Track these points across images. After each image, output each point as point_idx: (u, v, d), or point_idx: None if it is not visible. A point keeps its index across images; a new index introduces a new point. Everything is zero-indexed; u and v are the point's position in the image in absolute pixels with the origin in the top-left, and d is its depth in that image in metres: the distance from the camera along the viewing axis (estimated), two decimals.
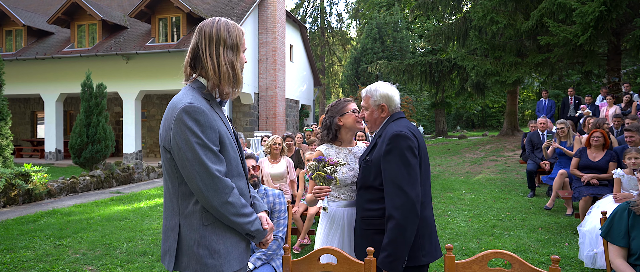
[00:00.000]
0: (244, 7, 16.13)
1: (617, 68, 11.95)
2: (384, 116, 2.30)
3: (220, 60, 1.70)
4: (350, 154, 2.52)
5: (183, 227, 1.67)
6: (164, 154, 1.70)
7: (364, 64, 21.48)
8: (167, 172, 1.71)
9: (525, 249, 4.83)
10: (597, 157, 5.56)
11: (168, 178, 1.72)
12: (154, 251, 4.86)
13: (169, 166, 1.68)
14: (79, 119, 11.16)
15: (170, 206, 1.72)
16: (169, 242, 1.70)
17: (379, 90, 2.30)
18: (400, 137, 2.07)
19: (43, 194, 8.31)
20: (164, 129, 1.68)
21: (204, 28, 1.73)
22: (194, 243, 1.66)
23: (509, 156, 12.13)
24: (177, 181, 1.68)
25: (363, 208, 2.24)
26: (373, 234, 2.18)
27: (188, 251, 1.66)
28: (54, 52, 15.84)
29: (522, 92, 29.65)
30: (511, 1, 12.04)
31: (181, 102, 1.64)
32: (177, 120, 1.60)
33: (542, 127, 7.91)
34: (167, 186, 1.74)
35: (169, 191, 1.72)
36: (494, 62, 12.44)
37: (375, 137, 2.26)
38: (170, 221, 1.71)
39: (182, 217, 1.67)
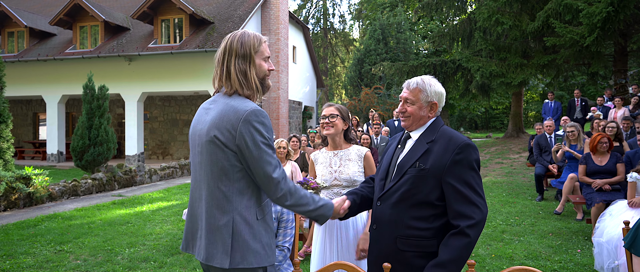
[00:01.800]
0: (247, 8, 16.05)
1: (623, 69, 11.81)
2: (431, 116, 2.00)
3: (230, 69, 1.83)
4: (335, 156, 2.68)
5: (238, 223, 1.75)
6: (220, 154, 1.75)
7: (367, 65, 21.37)
8: (220, 171, 1.76)
9: (536, 256, 4.71)
10: (604, 161, 5.45)
11: (221, 177, 1.77)
12: (157, 257, 4.76)
13: (226, 165, 1.76)
14: (81, 121, 11.08)
15: (220, 204, 1.76)
16: (220, 240, 1.75)
17: (433, 86, 1.99)
18: (472, 148, 1.85)
19: (44, 198, 8.22)
20: (220, 131, 1.75)
21: (222, 41, 1.89)
22: (250, 237, 1.76)
23: (514, 158, 12.00)
24: (233, 179, 1.76)
25: (407, 226, 1.89)
26: (414, 257, 1.87)
27: (244, 245, 1.75)
28: (56, 53, 15.79)
29: (527, 94, 29.50)
30: (517, 2, 11.91)
31: (246, 106, 1.76)
32: (245, 121, 1.73)
33: (549, 129, 7.78)
34: (215, 185, 1.77)
35: (220, 190, 1.77)
36: (499, 63, 12.31)
37: (424, 142, 1.94)
38: (219, 220, 1.76)
39: (237, 214, 1.76)
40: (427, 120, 2.01)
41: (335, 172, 2.64)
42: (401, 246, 1.89)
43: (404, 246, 1.89)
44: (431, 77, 2.04)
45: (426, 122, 2.01)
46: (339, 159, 2.67)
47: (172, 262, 4.64)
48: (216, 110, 1.80)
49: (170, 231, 5.97)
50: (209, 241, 1.77)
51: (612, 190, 5.24)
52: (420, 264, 1.84)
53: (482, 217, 1.80)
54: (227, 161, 1.75)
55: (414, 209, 1.89)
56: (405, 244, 1.89)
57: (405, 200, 1.90)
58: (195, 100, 17.83)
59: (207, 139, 1.77)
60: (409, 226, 1.89)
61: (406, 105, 2.00)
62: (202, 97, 17.51)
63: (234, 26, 14.86)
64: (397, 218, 1.91)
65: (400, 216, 1.91)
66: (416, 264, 1.85)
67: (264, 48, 1.87)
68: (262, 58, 1.86)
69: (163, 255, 4.86)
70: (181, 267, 4.48)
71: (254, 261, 1.75)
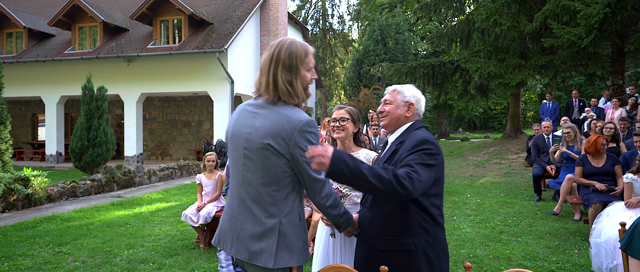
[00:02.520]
0: (246, 9, 16.06)
1: (621, 70, 11.85)
2: (409, 116, 2.10)
3: (278, 79, 1.88)
4: None
5: (284, 225, 1.87)
6: (273, 161, 1.84)
7: (366, 66, 21.39)
8: (272, 177, 1.85)
9: (534, 257, 4.73)
10: (600, 163, 5.46)
11: (271, 183, 1.86)
12: (155, 259, 4.77)
13: (278, 172, 1.85)
14: (80, 122, 11.09)
15: (268, 208, 1.87)
16: (266, 241, 1.85)
17: (411, 90, 2.14)
18: (430, 143, 1.94)
19: (43, 199, 8.23)
20: (275, 140, 1.82)
21: (269, 48, 1.95)
22: (294, 238, 1.88)
23: (513, 159, 12.02)
24: (283, 184, 1.87)
25: (382, 226, 1.99)
26: (391, 256, 1.95)
27: (288, 246, 1.87)
28: (54, 54, 15.79)
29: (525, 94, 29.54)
30: (515, 3, 11.95)
31: (300, 117, 1.85)
32: (301, 131, 1.82)
33: (547, 130, 7.81)
34: (265, 190, 1.87)
35: (269, 195, 1.87)
36: (497, 64, 12.34)
37: (394, 144, 2.06)
38: (266, 223, 1.86)
39: (283, 217, 1.86)
40: (404, 121, 2.11)
41: None
42: (379, 245, 1.98)
43: (382, 245, 1.98)
44: (412, 86, 2.18)
45: (404, 124, 2.11)
46: None
47: (170, 263, 4.65)
48: (269, 119, 1.85)
49: (169, 232, 5.98)
50: (254, 241, 1.87)
51: (608, 191, 5.25)
52: (398, 263, 1.93)
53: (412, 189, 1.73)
54: (280, 167, 1.84)
55: (387, 209, 1.97)
56: (382, 244, 1.98)
57: (375, 201, 2.03)
58: (194, 101, 17.84)
59: (260, 146, 1.84)
60: (383, 226, 1.98)
61: (384, 105, 2.15)
62: (201, 98, 17.53)
63: (233, 27, 14.87)
64: (373, 219, 2.02)
65: (375, 217, 2.02)
66: (394, 263, 1.92)
67: (310, 59, 1.94)
68: (307, 69, 1.92)
69: (162, 256, 4.87)
70: (180, 269, 4.49)
71: (295, 259, 1.88)
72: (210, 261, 4.73)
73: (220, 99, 14.56)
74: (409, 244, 1.93)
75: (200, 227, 5.23)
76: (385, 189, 1.71)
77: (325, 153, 1.65)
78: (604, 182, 5.37)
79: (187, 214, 5.18)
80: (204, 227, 5.26)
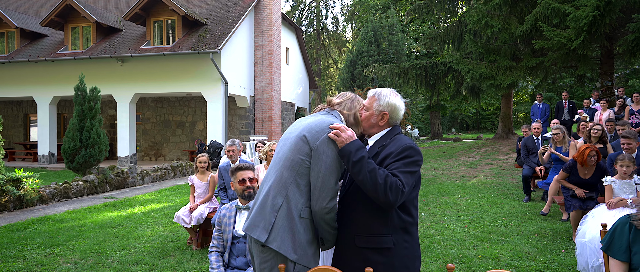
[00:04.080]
0: (240, 10, 16.08)
1: (610, 72, 12.02)
2: (382, 125, 2.18)
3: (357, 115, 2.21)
4: None
5: (285, 208, 2.01)
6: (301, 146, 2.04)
7: (359, 67, 21.48)
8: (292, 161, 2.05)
9: (521, 257, 4.81)
10: (588, 175, 5.32)
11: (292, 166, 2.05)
12: (148, 260, 4.80)
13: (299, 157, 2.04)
14: (72, 123, 11.06)
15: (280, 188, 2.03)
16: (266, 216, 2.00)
17: (387, 97, 2.18)
18: (414, 150, 2.05)
19: (35, 200, 8.21)
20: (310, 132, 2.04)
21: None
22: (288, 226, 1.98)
23: (503, 159, 12.15)
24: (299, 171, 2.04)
25: (362, 224, 2.07)
26: (371, 253, 2.02)
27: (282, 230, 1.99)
28: (47, 54, 15.72)
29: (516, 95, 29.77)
30: (506, 5, 12.06)
31: (332, 120, 2.11)
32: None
33: (536, 132, 7.91)
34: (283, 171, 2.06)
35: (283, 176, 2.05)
36: (488, 65, 12.46)
37: (375, 146, 2.14)
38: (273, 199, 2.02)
39: (287, 201, 2.01)
40: (380, 128, 2.19)
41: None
42: (359, 243, 2.05)
43: (362, 243, 2.04)
44: (392, 91, 2.24)
45: (382, 130, 2.20)
46: None
47: (163, 264, 4.68)
48: (313, 118, 2.15)
49: (161, 233, 6.00)
50: (257, 213, 2.04)
51: (587, 198, 5.28)
52: (378, 260, 2.00)
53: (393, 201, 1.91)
54: (302, 154, 2.02)
55: (367, 208, 2.05)
56: (362, 242, 2.04)
57: (358, 200, 2.08)
58: (187, 102, 17.82)
59: (297, 134, 2.07)
60: (364, 224, 2.05)
61: (363, 110, 2.24)
62: (195, 98, 17.52)
63: (227, 28, 14.89)
64: (353, 218, 2.10)
65: (355, 216, 2.09)
66: (373, 260, 2.00)
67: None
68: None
69: (154, 257, 4.90)
70: (172, 270, 4.53)
71: (281, 247, 1.96)
72: (202, 262, 4.76)
73: (214, 100, 14.57)
74: (387, 242, 2.01)
75: (193, 228, 5.27)
76: (373, 188, 1.88)
77: (349, 132, 1.99)
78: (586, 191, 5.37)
79: (179, 215, 5.22)
80: (197, 228, 5.29)
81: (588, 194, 5.32)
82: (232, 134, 16.54)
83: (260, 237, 1.96)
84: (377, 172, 1.90)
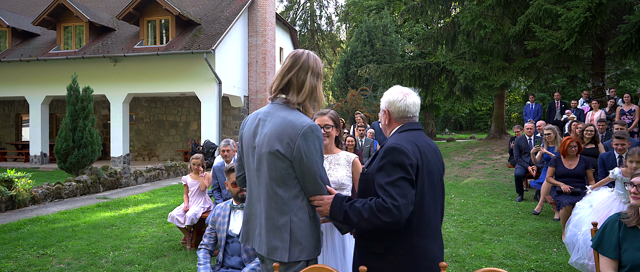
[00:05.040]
0: (234, 10, 16.06)
1: (601, 72, 12.14)
2: (386, 123, 2.10)
3: (306, 82, 2.04)
4: (325, 161, 2.71)
5: (295, 222, 1.99)
6: (279, 164, 1.97)
7: (353, 67, 21.52)
8: (280, 179, 1.99)
9: (514, 256, 4.86)
10: (573, 165, 5.61)
11: (280, 184, 1.99)
12: (141, 260, 4.79)
13: (284, 174, 1.98)
14: (65, 123, 10.98)
15: (279, 207, 2.00)
16: (280, 237, 2.00)
17: (386, 95, 2.12)
18: (396, 151, 1.87)
19: (27, 201, 8.15)
20: (281, 144, 1.96)
21: (295, 56, 2.09)
22: (304, 234, 2.00)
23: (497, 159, 12.23)
24: (290, 185, 1.99)
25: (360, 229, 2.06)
26: (374, 259, 1.98)
27: (300, 241, 2.00)
28: (39, 54, 15.60)
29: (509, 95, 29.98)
30: (499, 6, 12.16)
31: (303, 121, 1.97)
32: (303, 136, 1.94)
33: (529, 132, 7.98)
34: (274, 191, 2.01)
35: (278, 195, 2.00)
36: (481, 66, 12.55)
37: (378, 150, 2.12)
38: (279, 221, 2.00)
39: (293, 215, 1.99)
40: (391, 128, 2.10)
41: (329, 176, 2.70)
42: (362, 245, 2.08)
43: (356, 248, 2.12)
44: (396, 87, 2.14)
45: (393, 129, 2.10)
46: (329, 163, 2.76)
47: (157, 265, 4.67)
48: (275, 124, 2.00)
49: (155, 233, 5.99)
50: (270, 238, 2.03)
51: (572, 193, 5.38)
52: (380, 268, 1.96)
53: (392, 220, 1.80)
54: (286, 170, 1.97)
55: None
56: (358, 247, 2.10)
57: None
58: (181, 102, 17.76)
59: (268, 151, 1.99)
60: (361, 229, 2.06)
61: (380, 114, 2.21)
62: (189, 98, 17.46)
63: (221, 28, 14.86)
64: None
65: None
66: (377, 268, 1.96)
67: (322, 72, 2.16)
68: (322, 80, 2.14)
69: (148, 258, 4.89)
70: (166, 270, 4.52)
71: (308, 254, 2.01)
72: (196, 262, 4.75)
73: (208, 100, 14.54)
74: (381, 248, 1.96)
75: (187, 228, 5.26)
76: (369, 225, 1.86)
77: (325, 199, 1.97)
78: (574, 184, 5.50)
79: (173, 215, 5.21)
80: (191, 228, 5.28)
81: (574, 189, 5.42)
82: (226, 134, 16.51)
83: (282, 258, 2.00)
84: (361, 210, 1.84)
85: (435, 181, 1.98)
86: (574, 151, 5.57)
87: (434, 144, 2.08)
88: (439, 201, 2.02)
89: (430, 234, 1.96)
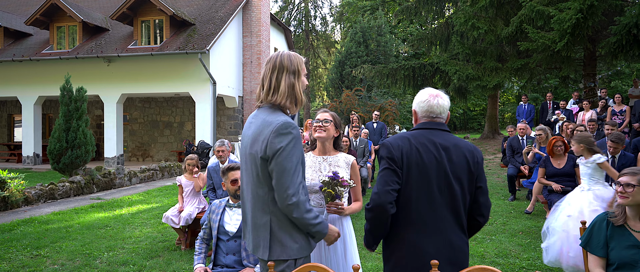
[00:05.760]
0: (228, 10, 16.05)
1: (592, 73, 12.27)
2: (413, 121, 2.22)
3: (281, 82, 2.07)
4: (325, 161, 2.70)
5: (274, 222, 2.03)
6: (258, 164, 2.02)
7: (348, 67, 21.57)
8: (258, 179, 2.05)
9: (506, 254, 4.91)
10: (562, 164, 5.69)
11: (260, 184, 2.04)
12: (136, 261, 4.79)
13: (261, 174, 2.02)
14: (58, 123, 10.93)
15: (261, 206, 2.05)
16: (262, 236, 2.05)
17: (415, 99, 2.23)
18: (383, 146, 2.12)
19: (20, 202, 8.11)
20: (258, 143, 2.02)
21: (270, 59, 2.13)
22: (284, 234, 2.03)
23: (490, 159, 12.32)
24: (269, 186, 2.02)
25: None
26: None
27: (280, 241, 2.03)
28: (32, 54, 15.50)
29: (503, 95, 30.19)
30: (492, 8, 12.26)
31: (277, 119, 2.00)
32: (275, 132, 1.97)
33: (521, 132, 8.06)
34: (256, 190, 2.07)
35: (259, 195, 2.06)
36: (475, 66, 12.65)
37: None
38: (260, 219, 2.06)
39: (273, 215, 2.03)
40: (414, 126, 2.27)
41: (322, 176, 2.62)
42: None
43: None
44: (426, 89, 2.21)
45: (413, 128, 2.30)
46: (329, 164, 2.70)
47: (151, 265, 4.68)
48: (257, 125, 2.07)
49: (150, 234, 5.99)
50: (254, 236, 2.10)
51: (564, 192, 5.44)
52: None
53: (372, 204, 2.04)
54: (264, 169, 2.02)
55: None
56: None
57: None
58: (175, 102, 17.72)
59: (250, 152, 2.07)
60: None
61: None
62: (183, 99, 17.43)
63: (216, 28, 14.85)
64: None
65: None
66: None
67: (304, 67, 2.16)
68: (304, 74, 2.15)
69: (142, 258, 4.89)
70: (161, 270, 4.53)
71: (288, 253, 2.03)
72: (191, 262, 4.77)
73: (202, 100, 14.52)
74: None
75: (181, 228, 5.27)
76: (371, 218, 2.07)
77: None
78: (564, 183, 5.59)
79: (168, 216, 5.21)
80: (185, 228, 5.29)
81: (565, 188, 5.49)
82: (220, 135, 16.49)
83: (263, 256, 2.05)
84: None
85: (431, 178, 1.99)
86: (560, 150, 5.64)
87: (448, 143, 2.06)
88: (439, 198, 2.01)
89: (422, 230, 2.00)
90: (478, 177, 2.08)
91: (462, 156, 2.05)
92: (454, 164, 2.02)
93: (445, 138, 2.08)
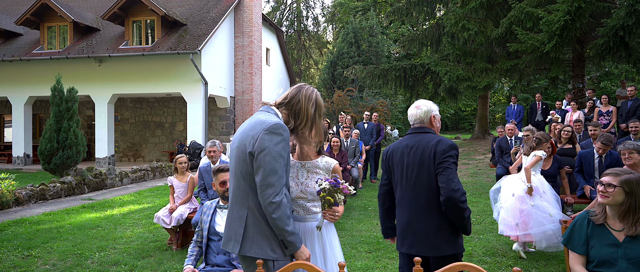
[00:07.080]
0: (220, 10, 16.04)
1: (581, 74, 12.44)
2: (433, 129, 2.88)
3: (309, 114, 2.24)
4: (303, 167, 2.47)
5: (250, 217, 2.06)
6: (247, 158, 2.08)
7: (340, 68, 21.65)
8: (245, 173, 2.10)
9: (493, 253, 5.01)
10: (547, 166, 5.77)
11: (245, 178, 2.10)
12: (127, 261, 4.81)
13: (249, 168, 2.08)
14: (49, 124, 10.87)
15: (240, 199, 2.11)
16: (234, 229, 2.09)
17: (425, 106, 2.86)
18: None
19: (10, 202, 8.07)
20: (248, 137, 2.09)
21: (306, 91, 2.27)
22: (257, 232, 2.05)
23: (480, 159, 12.46)
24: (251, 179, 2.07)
25: None
26: None
27: (252, 237, 2.05)
28: (22, 54, 15.38)
29: (493, 96, 30.45)
30: (482, 9, 12.39)
31: (271, 119, 2.10)
32: (266, 131, 2.04)
33: (510, 133, 8.17)
34: (238, 182, 2.13)
35: (240, 187, 2.12)
36: (465, 67, 12.77)
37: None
38: (237, 212, 2.11)
39: (249, 210, 2.07)
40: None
41: (302, 184, 2.42)
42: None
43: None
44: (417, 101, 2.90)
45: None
46: (307, 170, 2.46)
47: (143, 265, 4.71)
48: (251, 121, 2.17)
49: (141, 234, 6.00)
50: (228, 228, 2.14)
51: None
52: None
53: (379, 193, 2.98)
54: (250, 165, 2.07)
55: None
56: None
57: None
58: (167, 102, 17.67)
59: (237, 145, 2.14)
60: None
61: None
62: (175, 99, 17.38)
63: (207, 28, 14.84)
64: None
65: None
66: None
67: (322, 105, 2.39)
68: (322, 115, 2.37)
69: (134, 258, 4.92)
70: (152, 270, 4.55)
71: (257, 252, 2.04)
72: (182, 262, 4.80)
73: (194, 101, 14.50)
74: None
75: (173, 229, 5.29)
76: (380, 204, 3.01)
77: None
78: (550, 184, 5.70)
79: (159, 216, 5.24)
80: (177, 228, 5.32)
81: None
82: (212, 135, 16.47)
83: (234, 250, 2.06)
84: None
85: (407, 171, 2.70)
86: (548, 151, 5.74)
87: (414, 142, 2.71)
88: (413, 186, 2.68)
89: (401, 206, 2.77)
90: (439, 164, 2.58)
91: (422, 151, 2.64)
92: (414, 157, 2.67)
93: (416, 138, 2.72)
